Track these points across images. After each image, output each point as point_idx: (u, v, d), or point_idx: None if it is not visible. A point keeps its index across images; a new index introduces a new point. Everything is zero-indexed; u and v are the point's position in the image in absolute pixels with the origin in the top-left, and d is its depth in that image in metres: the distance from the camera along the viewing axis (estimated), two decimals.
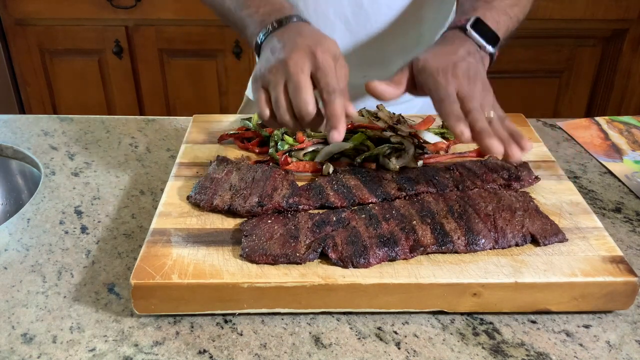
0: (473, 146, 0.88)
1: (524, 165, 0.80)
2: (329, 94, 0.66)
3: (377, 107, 0.91)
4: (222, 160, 0.80)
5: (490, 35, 0.77)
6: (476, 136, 0.68)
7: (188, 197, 0.74)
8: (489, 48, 0.76)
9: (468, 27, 0.76)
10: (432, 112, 0.78)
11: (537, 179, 0.78)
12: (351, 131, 0.85)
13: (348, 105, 0.67)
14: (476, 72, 0.72)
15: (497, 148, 0.67)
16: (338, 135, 0.66)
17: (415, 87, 0.75)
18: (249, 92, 1.22)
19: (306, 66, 0.66)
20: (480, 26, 0.77)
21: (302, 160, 0.82)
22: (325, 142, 0.84)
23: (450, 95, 0.69)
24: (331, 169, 0.79)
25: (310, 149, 0.83)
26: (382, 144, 0.84)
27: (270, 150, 0.84)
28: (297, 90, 0.65)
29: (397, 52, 1.02)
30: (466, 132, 0.67)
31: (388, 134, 0.85)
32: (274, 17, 0.74)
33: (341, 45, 0.98)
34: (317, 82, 0.67)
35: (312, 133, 0.85)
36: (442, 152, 0.86)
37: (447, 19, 1.05)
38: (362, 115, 0.89)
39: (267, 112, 0.69)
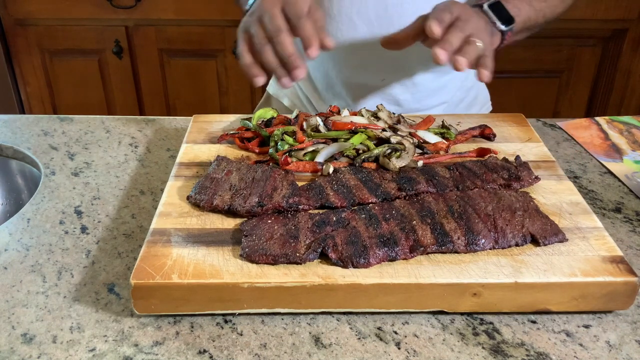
0: (473, 146, 0.88)
1: (524, 165, 0.80)
2: (297, 19, 0.73)
3: (377, 107, 0.91)
4: (222, 160, 0.80)
5: (505, 16, 0.84)
6: (440, 43, 0.75)
7: (188, 197, 0.74)
8: (500, 25, 0.83)
9: (485, 5, 0.84)
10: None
11: (537, 179, 0.78)
12: (351, 131, 0.85)
13: (322, 34, 0.75)
14: (480, 22, 0.80)
15: (440, 55, 0.74)
16: (313, 51, 0.74)
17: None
18: (270, 88, 1.22)
19: (277, 3, 0.74)
20: (497, 7, 0.84)
21: (302, 160, 0.82)
22: (325, 142, 0.84)
23: (447, 8, 0.78)
24: (331, 169, 0.79)
25: (310, 149, 0.83)
26: (382, 144, 0.84)
27: (270, 150, 0.84)
28: (270, 20, 0.73)
29: (418, 58, 1.02)
30: (435, 28, 0.76)
31: (388, 134, 0.85)
32: None
33: (364, 48, 0.99)
34: (287, 16, 0.74)
35: (312, 133, 0.85)
36: (442, 152, 0.86)
37: None
38: (362, 115, 0.89)
39: (247, 60, 0.76)
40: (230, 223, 0.71)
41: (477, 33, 0.78)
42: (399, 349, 0.60)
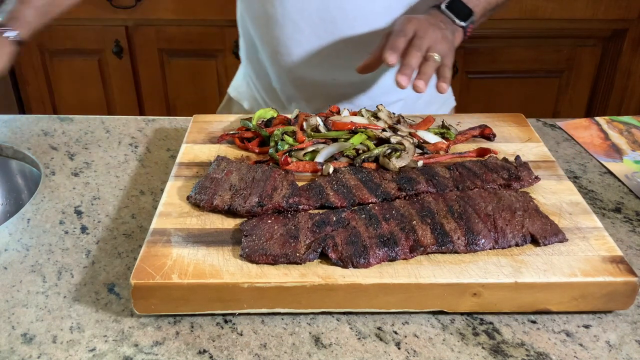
0: (473, 146, 0.88)
1: (524, 165, 0.80)
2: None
3: (377, 107, 0.91)
4: (222, 160, 0.80)
5: (464, 12, 0.91)
6: (400, 68, 0.80)
7: (188, 197, 0.74)
8: (459, 22, 0.90)
9: (442, 6, 0.90)
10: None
11: (537, 179, 0.78)
12: (351, 131, 0.85)
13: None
14: (442, 29, 0.85)
15: (401, 81, 0.79)
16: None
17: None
18: (231, 90, 1.23)
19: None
20: (455, 4, 0.91)
21: (302, 160, 0.82)
22: (325, 142, 0.84)
23: (402, 31, 0.83)
24: (331, 169, 0.79)
25: (310, 149, 0.83)
26: (382, 144, 0.84)
27: (270, 151, 0.84)
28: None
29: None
30: (390, 58, 0.81)
31: (388, 134, 0.85)
32: None
33: (309, 49, 1.02)
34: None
35: (312, 133, 0.85)
36: (442, 152, 0.86)
37: None
38: (362, 115, 0.89)
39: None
40: (230, 223, 0.71)
41: (434, 45, 0.83)
42: (399, 349, 0.60)
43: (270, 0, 0.99)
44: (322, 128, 0.86)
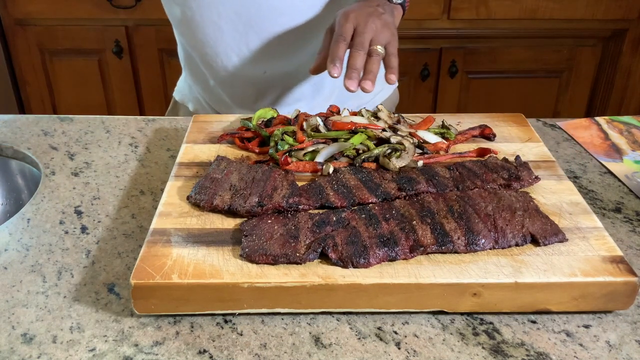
0: (473, 146, 0.88)
1: (524, 165, 0.80)
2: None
3: (377, 107, 0.91)
4: (222, 160, 0.80)
5: None
6: (346, 72, 0.81)
7: (188, 197, 0.74)
8: (396, 0, 0.94)
9: None
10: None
11: (537, 178, 0.78)
12: (351, 131, 0.85)
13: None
14: (380, 15, 0.86)
15: (349, 86, 0.80)
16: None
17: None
18: (176, 94, 1.24)
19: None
20: None
21: (302, 160, 0.82)
22: (325, 142, 0.84)
23: (340, 34, 0.83)
24: (331, 169, 0.79)
25: (310, 149, 0.83)
26: (382, 144, 0.84)
27: (270, 151, 0.84)
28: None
29: (292, 46, 1.04)
30: (333, 72, 0.81)
31: (388, 134, 0.85)
32: None
33: (234, 47, 1.03)
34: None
35: (312, 133, 0.85)
36: (442, 152, 0.86)
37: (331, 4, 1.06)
38: (362, 115, 0.89)
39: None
40: (230, 223, 0.71)
41: (376, 36, 0.84)
42: (399, 349, 0.60)
43: (188, 4, 0.99)
44: (322, 128, 0.86)
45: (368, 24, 0.84)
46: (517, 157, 0.81)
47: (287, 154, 0.81)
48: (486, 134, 0.90)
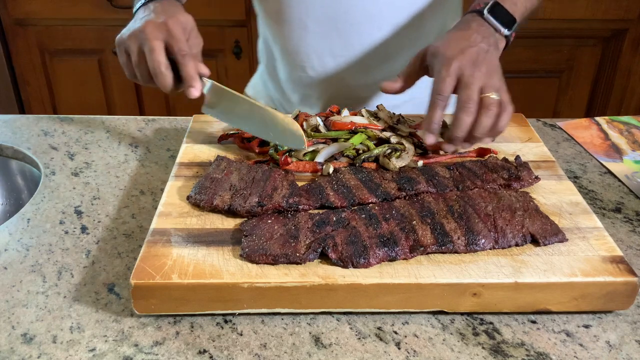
0: (473, 146, 0.88)
1: (524, 165, 0.80)
2: (182, 57, 0.79)
3: (377, 107, 0.91)
4: (222, 160, 0.80)
5: (506, 19, 0.82)
6: (452, 132, 0.77)
7: (188, 197, 0.74)
8: (505, 31, 0.81)
9: (485, 12, 0.81)
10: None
11: (537, 178, 0.78)
12: (351, 131, 0.85)
13: (201, 67, 0.82)
14: (485, 56, 0.78)
15: (447, 149, 0.81)
16: (195, 92, 0.81)
17: (428, 72, 0.82)
18: (248, 89, 1.24)
19: (159, 34, 0.78)
20: (497, 10, 0.82)
21: (302, 160, 0.82)
22: (326, 142, 0.84)
23: (441, 92, 0.77)
24: (331, 169, 0.79)
25: (310, 149, 0.83)
26: (382, 144, 0.84)
27: (271, 151, 0.84)
28: (151, 52, 0.77)
29: (372, 56, 1.02)
30: (429, 140, 0.79)
31: (388, 134, 0.85)
32: None
33: (316, 49, 1.01)
34: (171, 48, 0.79)
35: (312, 133, 0.85)
36: (442, 152, 0.86)
37: (422, 23, 1.02)
38: (362, 115, 0.89)
39: (129, 73, 0.83)
40: (230, 223, 0.71)
41: (486, 84, 0.76)
42: (399, 349, 0.60)
43: None
44: (322, 128, 0.86)
45: (475, 72, 0.76)
46: (517, 157, 0.81)
47: (287, 153, 0.81)
48: None
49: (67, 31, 2.07)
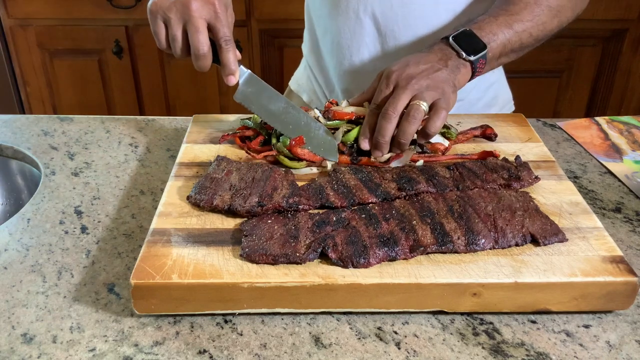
0: (473, 146, 0.88)
1: (524, 165, 0.80)
2: (226, 43, 0.78)
3: None
4: (222, 160, 0.80)
5: (474, 45, 0.83)
6: (374, 141, 0.79)
7: (188, 197, 0.74)
8: (467, 56, 0.82)
9: (450, 38, 0.83)
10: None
11: (537, 178, 0.78)
12: (351, 121, 0.85)
13: (237, 53, 0.81)
14: (431, 73, 0.79)
15: (376, 156, 0.80)
16: (234, 79, 0.81)
17: None
18: (292, 83, 1.24)
19: (204, 13, 0.76)
20: (466, 37, 0.83)
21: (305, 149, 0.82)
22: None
23: (377, 101, 0.80)
24: (330, 165, 0.80)
25: None
26: None
27: (273, 141, 0.84)
28: (196, 32, 0.76)
29: None
30: (364, 145, 0.80)
31: None
32: None
33: (369, 42, 1.02)
34: (215, 31, 0.78)
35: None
36: (439, 153, 0.86)
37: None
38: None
39: (164, 44, 0.80)
40: (230, 223, 0.71)
41: (422, 93, 0.77)
42: (399, 349, 0.60)
43: None
44: (321, 119, 0.86)
45: (409, 84, 0.78)
46: (517, 157, 0.81)
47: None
48: (487, 134, 0.90)
49: (67, 31, 2.07)
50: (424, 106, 0.76)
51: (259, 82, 0.84)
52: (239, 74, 0.81)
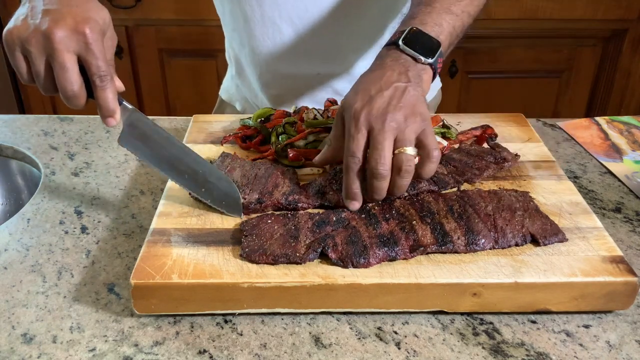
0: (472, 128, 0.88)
1: (498, 145, 0.84)
2: (101, 80, 0.63)
3: None
4: (226, 157, 0.81)
5: (428, 45, 0.73)
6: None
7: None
8: (426, 60, 0.72)
9: (400, 42, 0.72)
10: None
11: (517, 156, 0.82)
12: None
13: (117, 83, 0.66)
14: (401, 98, 0.68)
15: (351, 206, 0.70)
16: (113, 121, 0.66)
17: None
18: (222, 93, 1.23)
19: (72, 46, 0.62)
20: (416, 37, 0.73)
21: (302, 149, 0.83)
22: (323, 130, 0.85)
23: (354, 153, 0.68)
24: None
25: (311, 139, 0.84)
26: None
27: (275, 140, 0.84)
28: (63, 70, 0.62)
29: (346, 49, 1.03)
30: (353, 207, 0.70)
31: None
32: None
33: (290, 47, 1.01)
34: (87, 65, 0.63)
35: (312, 121, 0.86)
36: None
37: (398, 9, 1.02)
38: None
39: (27, 79, 0.65)
40: (230, 223, 0.71)
41: (401, 134, 0.66)
42: (399, 349, 0.60)
43: (250, 2, 0.98)
44: (319, 118, 0.87)
45: (385, 125, 0.66)
46: (489, 139, 0.84)
47: (287, 146, 0.82)
48: (488, 134, 0.90)
49: None
50: (412, 151, 0.67)
51: (147, 121, 0.70)
52: (119, 116, 0.66)
